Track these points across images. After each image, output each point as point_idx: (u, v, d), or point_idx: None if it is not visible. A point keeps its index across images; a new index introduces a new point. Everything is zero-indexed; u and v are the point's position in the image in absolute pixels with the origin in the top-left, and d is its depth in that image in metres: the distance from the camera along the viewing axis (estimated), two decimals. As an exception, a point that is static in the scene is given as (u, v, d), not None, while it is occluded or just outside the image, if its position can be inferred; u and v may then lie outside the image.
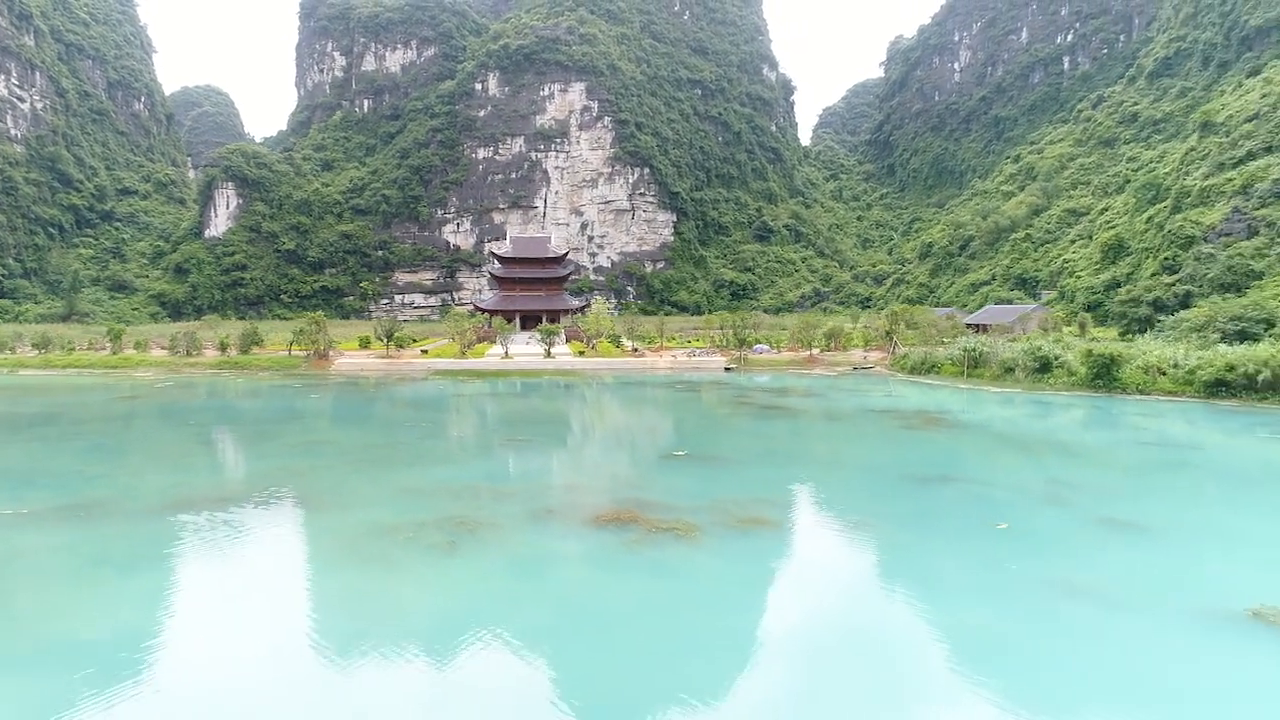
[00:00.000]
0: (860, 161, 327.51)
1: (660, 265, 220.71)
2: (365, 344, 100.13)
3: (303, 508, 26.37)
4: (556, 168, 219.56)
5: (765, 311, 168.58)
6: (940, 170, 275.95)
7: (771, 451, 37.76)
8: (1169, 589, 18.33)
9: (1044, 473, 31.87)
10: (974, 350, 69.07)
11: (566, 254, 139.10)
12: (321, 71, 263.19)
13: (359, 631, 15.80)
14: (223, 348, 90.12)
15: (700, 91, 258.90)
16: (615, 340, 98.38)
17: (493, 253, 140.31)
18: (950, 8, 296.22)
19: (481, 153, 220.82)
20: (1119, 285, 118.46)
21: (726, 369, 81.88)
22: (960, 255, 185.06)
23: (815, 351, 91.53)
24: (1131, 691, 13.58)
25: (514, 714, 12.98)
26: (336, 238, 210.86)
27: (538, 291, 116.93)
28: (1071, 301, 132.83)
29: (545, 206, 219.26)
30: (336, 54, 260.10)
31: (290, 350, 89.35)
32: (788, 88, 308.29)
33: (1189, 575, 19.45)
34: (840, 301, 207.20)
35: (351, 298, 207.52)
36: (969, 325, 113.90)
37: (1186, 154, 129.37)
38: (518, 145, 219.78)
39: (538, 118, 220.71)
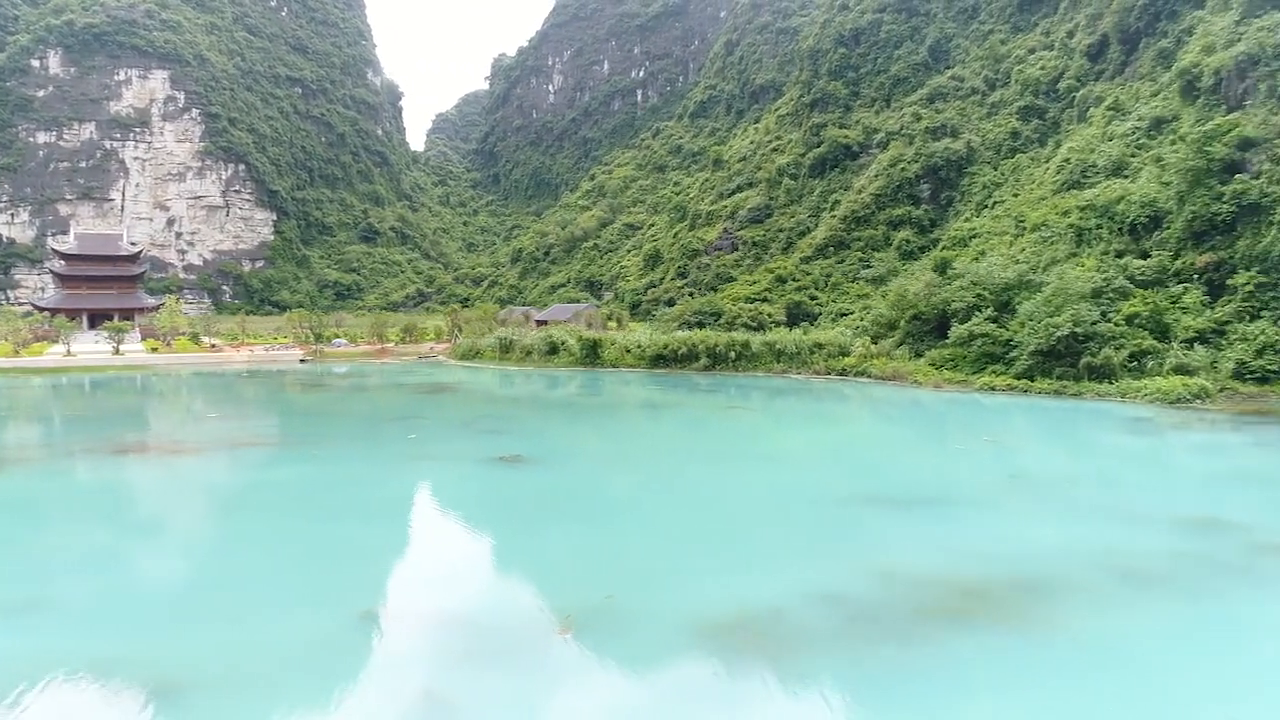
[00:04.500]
0: (469, 169, 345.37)
1: (260, 264, 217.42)
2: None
3: None
4: (137, 159, 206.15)
5: (372, 310, 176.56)
6: (539, 182, 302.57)
7: (289, 411, 49.85)
8: (451, 450, 33.95)
9: (475, 410, 47.93)
10: (505, 339, 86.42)
11: (141, 251, 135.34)
12: None
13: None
14: None
15: (301, 90, 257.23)
16: (194, 337, 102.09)
17: (54, 250, 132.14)
18: (544, 35, 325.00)
19: (42, 137, 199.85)
20: (654, 287, 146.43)
21: (302, 361, 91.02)
22: (544, 260, 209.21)
23: (390, 345, 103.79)
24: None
25: None
26: None
27: (109, 290, 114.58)
28: (623, 301, 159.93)
29: (124, 200, 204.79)
30: None
31: None
32: (394, 93, 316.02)
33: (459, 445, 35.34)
34: (442, 301, 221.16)
35: None
36: (538, 321, 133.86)
37: (702, 184, 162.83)
38: (88, 132, 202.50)
39: (112, 104, 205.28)
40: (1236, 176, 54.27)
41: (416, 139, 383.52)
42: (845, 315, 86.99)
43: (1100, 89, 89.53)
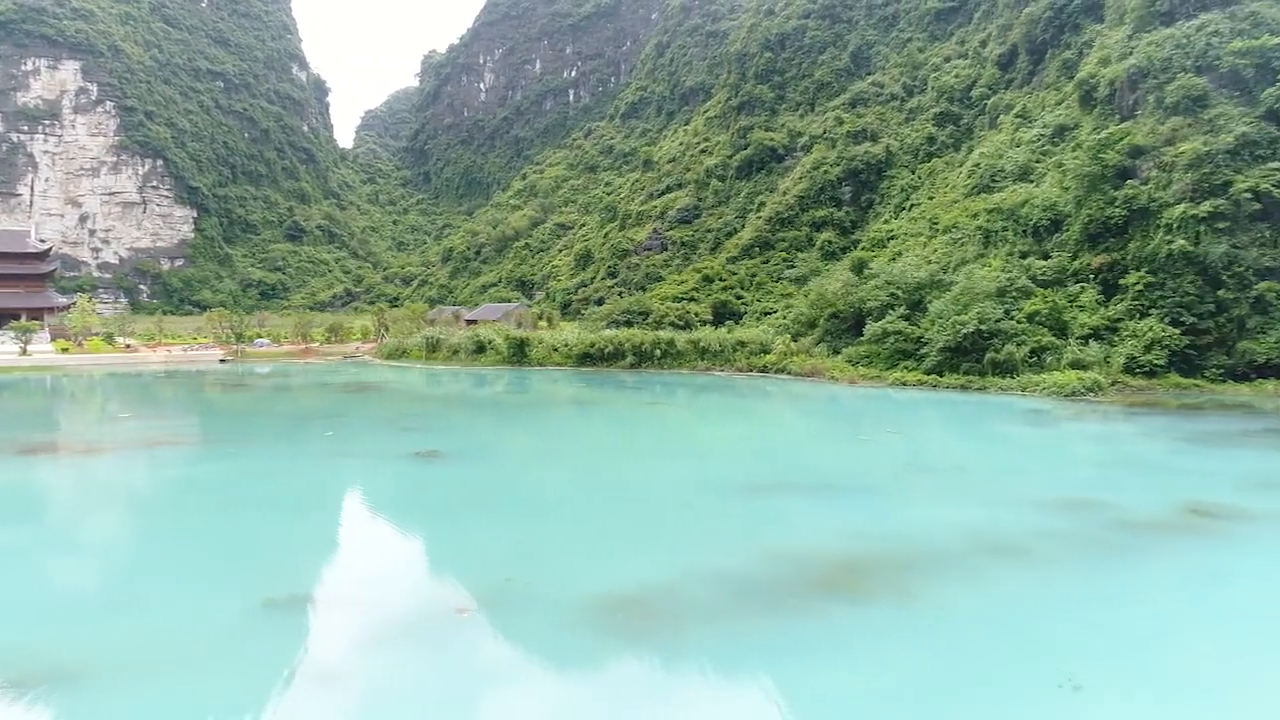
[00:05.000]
0: (399, 167, 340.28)
1: (180, 263, 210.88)
2: None
3: None
4: (47, 153, 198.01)
5: (298, 310, 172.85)
6: (470, 181, 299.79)
7: (207, 411, 49.09)
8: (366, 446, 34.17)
9: (397, 409, 47.94)
10: (431, 338, 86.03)
11: (50, 249, 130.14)
12: None
13: None
14: None
15: (223, 84, 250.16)
16: (108, 338, 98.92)
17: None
18: (476, 32, 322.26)
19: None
20: (585, 286, 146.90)
21: (222, 361, 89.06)
22: (475, 260, 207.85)
23: (315, 345, 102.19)
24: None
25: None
26: None
27: (15, 289, 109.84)
28: (555, 301, 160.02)
29: (33, 195, 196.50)
30: None
31: None
32: (321, 88, 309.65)
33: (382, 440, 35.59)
34: (370, 301, 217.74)
35: None
36: (468, 321, 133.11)
37: (633, 184, 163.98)
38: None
39: (19, 95, 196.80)
40: (1128, 182, 57.55)
41: (345, 136, 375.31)
42: (769, 314, 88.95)
43: (1010, 97, 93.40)
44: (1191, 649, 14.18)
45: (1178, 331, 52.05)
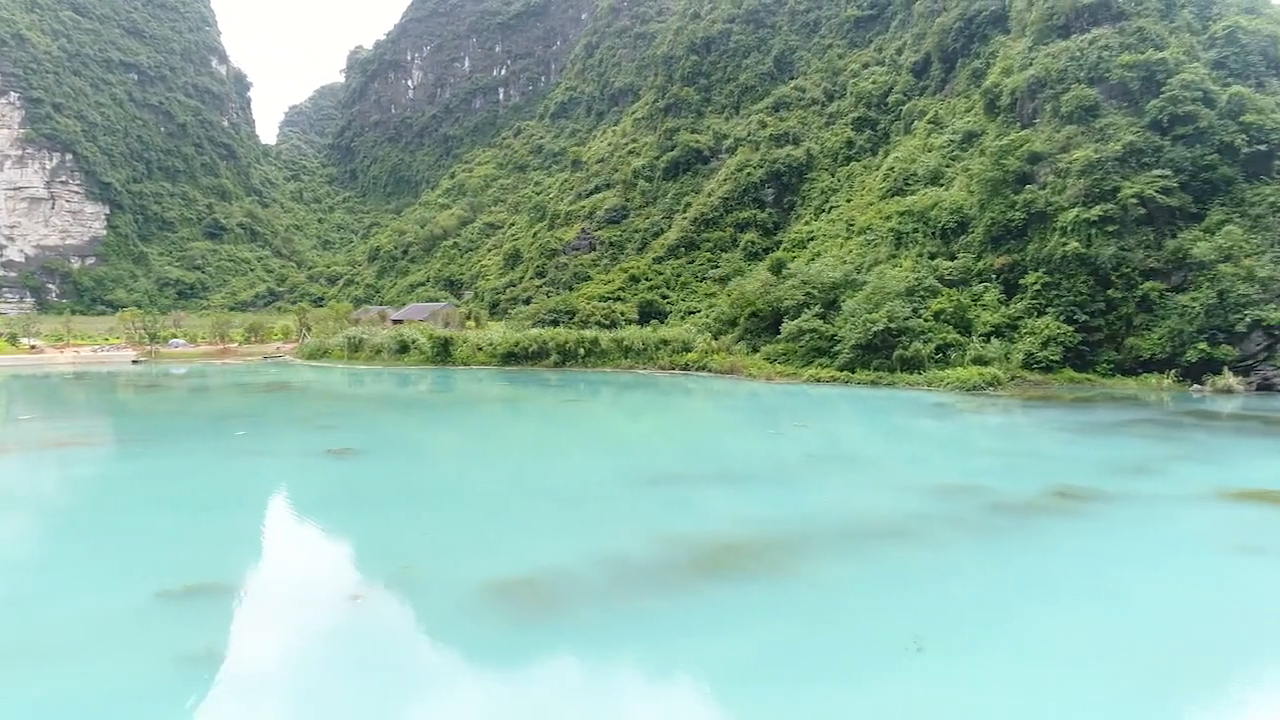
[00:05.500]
0: (324, 164, 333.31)
1: (91, 261, 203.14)
2: None
3: None
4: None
5: (218, 310, 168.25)
6: (399, 179, 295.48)
7: (116, 412, 48.01)
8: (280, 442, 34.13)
9: (313, 408, 47.64)
10: (354, 338, 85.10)
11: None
12: None
13: None
14: None
15: (137, 77, 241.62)
16: (12, 338, 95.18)
17: None
18: (403, 28, 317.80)
19: None
20: (514, 286, 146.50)
21: (135, 362, 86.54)
22: (403, 259, 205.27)
23: (234, 345, 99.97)
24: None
25: None
26: None
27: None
28: (483, 300, 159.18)
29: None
30: None
31: None
32: (242, 82, 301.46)
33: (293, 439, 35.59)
34: (294, 301, 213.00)
35: None
36: (394, 320, 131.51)
37: (562, 184, 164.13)
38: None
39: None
40: (1027, 187, 60.48)
41: (268, 132, 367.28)
42: (693, 313, 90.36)
43: (924, 103, 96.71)
44: (1027, 614, 15.56)
45: (1071, 329, 55.03)
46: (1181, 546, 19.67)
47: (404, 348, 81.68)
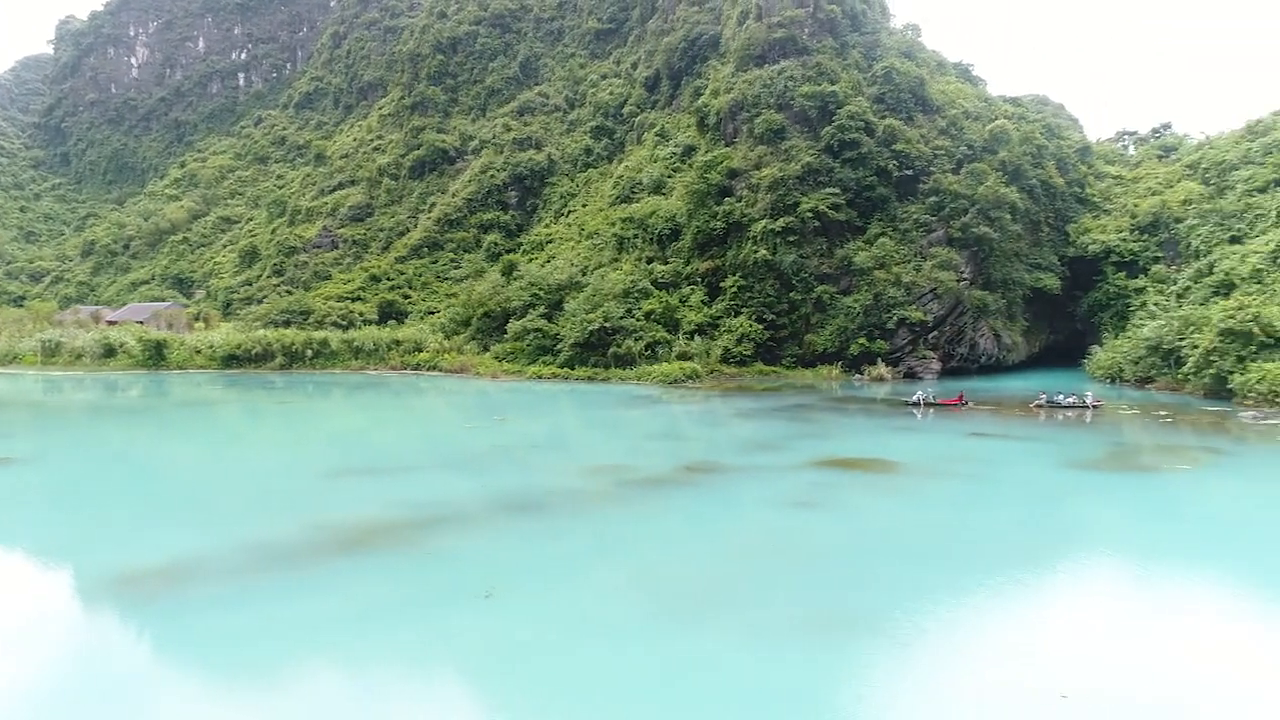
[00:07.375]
0: (29, 145, 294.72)
1: None
2: None
3: None
4: None
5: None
6: (121, 166, 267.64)
7: None
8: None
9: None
10: (50, 341, 77.62)
11: None
12: None
13: None
14: None
15: None
16: None
17: None
18: (124, 1, 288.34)
19: None
20: (250, 285, 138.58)
21: None
22: (123, 254, 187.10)
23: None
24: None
25: None
26: None
27: None
28: (216, 300, 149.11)
29: None
30: None
31: None
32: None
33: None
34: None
35: None
36: (109, 321, 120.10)
37: (305, 178, 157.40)
38: None
39: None
40: (726, 199, 67.15)
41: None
42: (433, 313, 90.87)
43: (653, 116, 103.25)
44: (602, 565, 18.80)
45: (761, 327, 62.09)
46: (754, 505, 24.00)
47: (109, 351, 75.78)
